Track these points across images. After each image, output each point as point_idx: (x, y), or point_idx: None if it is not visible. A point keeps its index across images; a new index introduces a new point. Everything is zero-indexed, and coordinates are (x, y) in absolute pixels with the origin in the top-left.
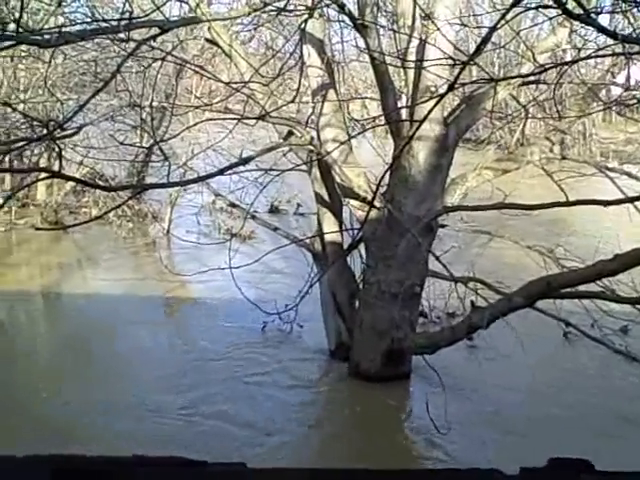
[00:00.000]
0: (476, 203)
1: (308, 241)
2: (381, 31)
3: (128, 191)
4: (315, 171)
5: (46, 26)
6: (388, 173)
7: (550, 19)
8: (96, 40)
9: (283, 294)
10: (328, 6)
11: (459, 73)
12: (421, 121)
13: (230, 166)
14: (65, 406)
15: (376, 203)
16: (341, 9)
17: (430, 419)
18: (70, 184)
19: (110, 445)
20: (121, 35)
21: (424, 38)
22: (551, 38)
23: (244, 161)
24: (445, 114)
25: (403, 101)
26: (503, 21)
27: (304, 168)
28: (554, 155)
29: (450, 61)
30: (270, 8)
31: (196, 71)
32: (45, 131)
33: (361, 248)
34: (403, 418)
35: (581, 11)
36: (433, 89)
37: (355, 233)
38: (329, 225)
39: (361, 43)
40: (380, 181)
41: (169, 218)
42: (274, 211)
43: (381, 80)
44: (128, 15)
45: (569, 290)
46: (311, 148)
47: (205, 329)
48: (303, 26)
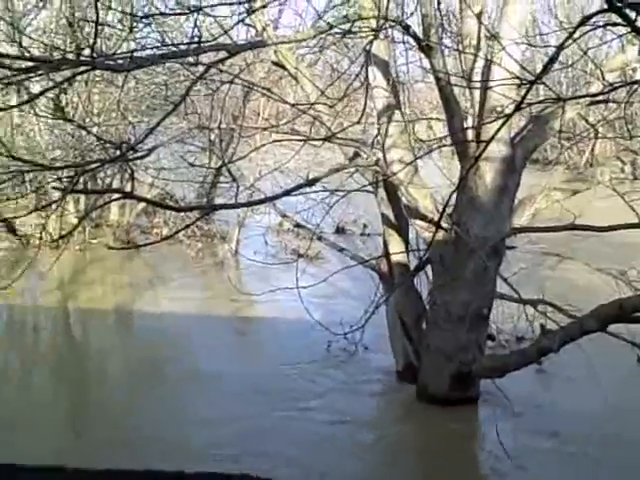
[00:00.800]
0: (545, 224)
1: (374, 262)
2: (446, 52)
3: (197, 212)
4: (381, 192)
5: (119, 51)
6: (454, 194)
7: (619, 37)
8: (166, 64)
9: (349, 314)
10: (393, 28)
11: (526, 93)
12: (488, 141)
13: (297, 187)
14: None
15: (443, 224)
16: (406, 31)
17: (500, 444)
18: (141, 205)
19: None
20: (190, 59)
21: (490, 58)
22: (620, 56)
23: (310, 182)
24: (512, 134)
25: (469, 122)
26: (570, 40)
27: (370, 189)
28: (625, 175)
29: (516, 81)
30: (336, 31)
31: (263, 93)
32: (118, 153)
33: (427, 269)
34: (472, 443)
35: None
36: (499, 109)
37: (421, 254)
38: (395, 246)
39: (426, 64)
40: (447, 202)
41: (237, 238)
42: (340, 232)
43: (447, 101)
44: (197, 39)
45: None
46: (377, 169)
47: (271, 348)
48: (368, 48)
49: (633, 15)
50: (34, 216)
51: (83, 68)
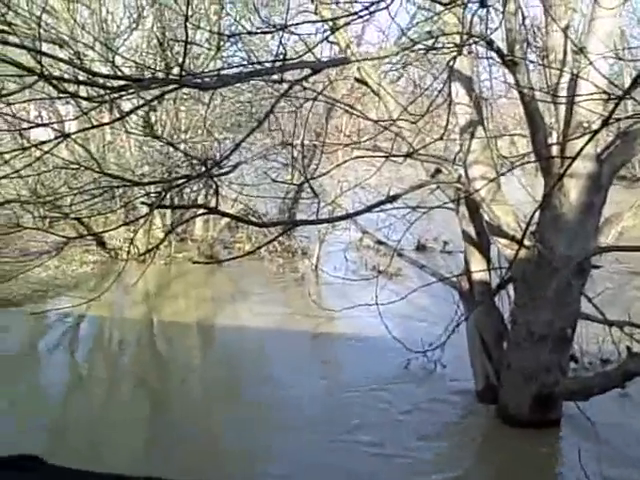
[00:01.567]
0: (632, 243)
1: (455, 279)
2: (531, 66)
3: (279, 227)
4: (463, 209)
5: (206, 69)
6: (538, 211)
7: None
8: (251, 82)
9: (428, 332)
10: (476, 43)
11: (614, 108)
12: (573, 158)
13: (378, 203)
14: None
15: (526, 242)
16: (490, 46)
17: (582, 470)
18: (225, 220)
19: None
20: (275, 76)
21: (576, 72)
22: None
23: (392, 198)
24: (598, 150)
25: (554, 137)
26: None
27: (451, 206)
28: None
29: (604, 96)
30: (419, 47)
31: (345, 110)
32: (203, 169)
33: (509, 288)
34: (553, 467)
35: None
36: (586, 125)
37: (503, 272)
38: (476, 263)
39: (510, 79)
40: (530, 220)
41: (317, 254)
42: (421, 249)
43: (531, 116)
44: (282, 57)
45: None
46: (459, 186)
47: (350, 366)
48: (451, 64)
49: None
50: (122, 230)
51: (172, 86)
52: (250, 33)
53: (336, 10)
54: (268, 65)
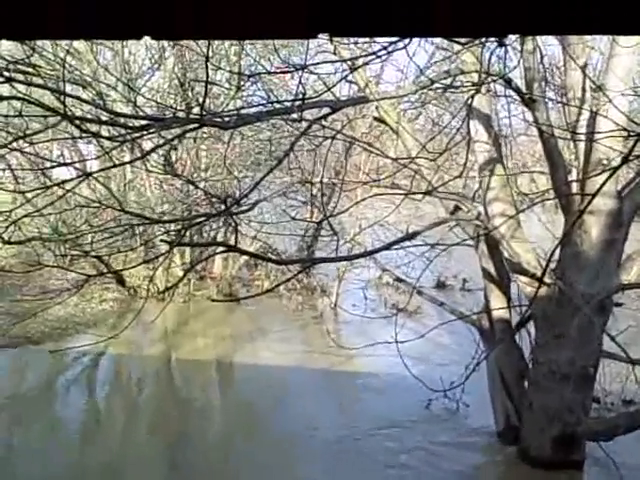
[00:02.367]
0: None
1: (475, 317)
2: (549, 104)
3: (298, 265)
4: (482, 246)
5: (226, 108)
6: (558, 249)
7: None
8: (271, 121)
9: (449, 370)
10: (495, 82)
11: (634, 145)
12: (593, 195)
13: (397, 241)
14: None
15: (546, 279)
16: (508, 84)
17: None
18: (244, 258)
19: None
20: (294, 115)
21: (595, 110)
22: None
23: (411, 236)
24: (619, 187)
25: (573, 174)
26: None
27: (471, 243)
28: None
29: (623, 133)
30: (437, 86)
31: (364, 148)
32: (223, 207)
33: (530, 326)
34: None
35: None
36: (605, 162)
37: (524, 310)
38: (496, 301)
39: (529, 116)
40: (550, 257)
41: (337, 292)
42: (440, 286)
43: (550, 153)
44: (301, 96)
45: None
46: (478, 223)
47: (369, 406)
48: (470, 102)
49: None
50: (142, 268)
51: (192, 125)
52: (270, 73)
53: (355, 50)
54: (287, 104)
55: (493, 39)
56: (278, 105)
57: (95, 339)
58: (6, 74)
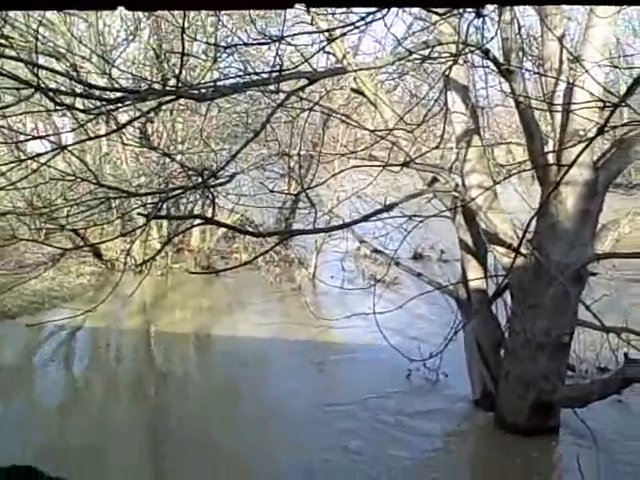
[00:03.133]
0: (629, 250)
1: (452, 288)
2: (526, 75)
3: (276, 237)
4: (459, 217)
5: (203, 81)
6: (535, 219)
7: None
8: (248, 93)
9: (426, 340)
10: (472, 52)
11: (609, 116)
12: (569, 165)
13: (374, 213)
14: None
15: (522, 250)
16: (485, 55)
17: (581, 476)
18: (222, 230)
19: None
20: (271, 87)
21: (572, 81)
22: None
23: (388, 207)
24: (594, 158)
25: (550, 146)
26: None
27: (448, 214)
28: None
29: (600, 103)
30: (415, 56)
31: (342, 120)
32: (200, 180)
33: (506, 296)
34: (552, 473)
35: None
36: (582, 133)
37: (500, 280)
38: (473, 272)
39: (506, 88)
40: (526, 227)
41: (314, 264)
42: (418, 257)
43: (527, 124)
44: (278, 68)
45: None
46: (455, 194)
47: (349, 376)
48: (447, 73)
49: None
50: (119, 242)
51: (169, 97)
52: (247, 44)
53: (332, 21)
54: (265, 76)
55: (471, 9)
56: (255, 77)
57: (72, 313)
58: None
